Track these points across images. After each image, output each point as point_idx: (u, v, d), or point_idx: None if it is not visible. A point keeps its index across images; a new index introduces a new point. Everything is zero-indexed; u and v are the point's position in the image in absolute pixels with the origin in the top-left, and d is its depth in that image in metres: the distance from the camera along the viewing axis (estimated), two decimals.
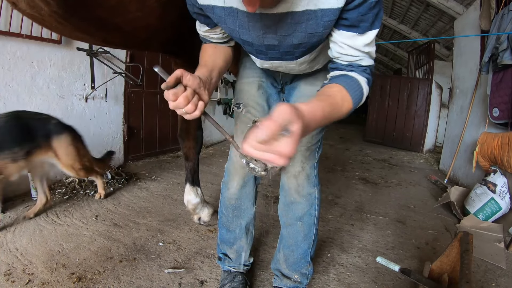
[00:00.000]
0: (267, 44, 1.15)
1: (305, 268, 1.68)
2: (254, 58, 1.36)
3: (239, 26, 1.10)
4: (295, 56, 1.20)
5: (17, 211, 2.66)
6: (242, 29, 1.10)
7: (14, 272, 1.85)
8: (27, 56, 2.97)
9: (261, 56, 1.27)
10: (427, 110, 7.23)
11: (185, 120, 2.44)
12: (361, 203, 3.51)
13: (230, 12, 1.06)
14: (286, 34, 1.07)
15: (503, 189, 2.92)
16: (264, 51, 1.21)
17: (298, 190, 1.55)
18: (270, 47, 1.16)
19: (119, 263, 2.03)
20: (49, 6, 1.19)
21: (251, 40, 1.15)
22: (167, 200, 3.18)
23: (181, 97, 0.89)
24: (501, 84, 3.38)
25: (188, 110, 0.92)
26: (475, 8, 4.37)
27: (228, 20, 1.09)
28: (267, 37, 1.11)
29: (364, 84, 1.06)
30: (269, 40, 1.12)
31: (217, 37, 1.27)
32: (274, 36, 1.10)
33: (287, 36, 1.08)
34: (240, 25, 1.09)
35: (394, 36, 9.37)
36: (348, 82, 1.03)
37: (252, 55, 1.31)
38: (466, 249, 1.58)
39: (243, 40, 1.17)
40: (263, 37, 1.11)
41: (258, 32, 1.10)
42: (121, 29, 1.48)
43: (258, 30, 1.09)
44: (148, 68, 4.45)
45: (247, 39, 1.15)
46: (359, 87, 1.04)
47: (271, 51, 1.19)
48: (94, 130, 3.80)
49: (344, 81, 1.03)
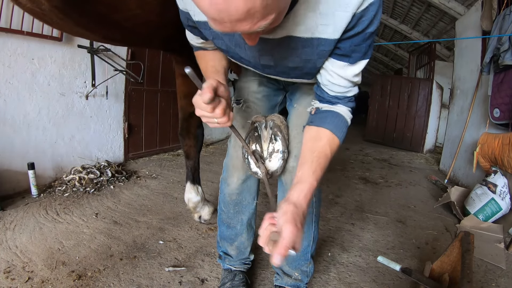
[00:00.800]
0: (263, 64, 1.16)
1: (306, 265, 1.67)
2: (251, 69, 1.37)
3: (235, 45, 1.10)
4: (290, 76, 1.21)
5: (17, 209, 2.66)
6: (239, 48, 1.11)
7: (13, 270, 1.85)
8: (27, 53, 2.97)
9: (258, 70, 1.29)
10: (427, 110, 7.23)
11: (186, 118, 2.43)
12: (361, 202, 3.51)
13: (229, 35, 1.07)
14: (283, 57, 1.08)
15: (504, 190, 2.92)
16: (260, 69, 1.23)
17: None
18: (266, 66, 1.18)
19: (119, 261, 2.03)
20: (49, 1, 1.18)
21: (248, 58, 1.16)
22: (168, 198, 3.18)
23: (218, 109, 0.93)
24: (502, 85, 3.38)
25: (221, 122, 0.97)
26: (477, 9, 4.37)
27: (225, 38, 1.09)
28: (264, 58, 1.12)
29: (349, 115, 1.14)
30: (265, 61, 1.13)
31: (211, 46, 1.28)
32: (270, 58, 1.11)
33: (283, 59, 1.09)
34: (237, 44, 1.09)
35: (395, 36, 9.35)
36: (335, 123, 1.11)
37: (250, 67, 1.31)
38: (467, 249, 1.58)
39: (240, 56, 1.18)
40: (260, 57, 1.12)
41: (255, 54, 1.11)
42: (121, 26, 1.47)
43: (255, 52, 1.09)
44: (149, 65, 4.45)
45: (244, 57, 1.16)
46: (345, 123, 1.13)
47: (267, 70, 1.21)
48: (95, 127, 3.79)
49: (331, 122, 1.11)
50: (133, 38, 1.75)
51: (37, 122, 3.13)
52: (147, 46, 3.68)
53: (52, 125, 3.28)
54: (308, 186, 0.98)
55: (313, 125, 1.14)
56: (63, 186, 3.17)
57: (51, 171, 3.31)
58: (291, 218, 0.85)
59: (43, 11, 1.27)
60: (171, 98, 4.93)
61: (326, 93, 1.13)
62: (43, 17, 1.39)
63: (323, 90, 1.14)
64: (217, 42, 1.14)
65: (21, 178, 2.98)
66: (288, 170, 1.52)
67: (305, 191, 0.97)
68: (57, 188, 3.12)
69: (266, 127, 1.34)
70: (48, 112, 3.22)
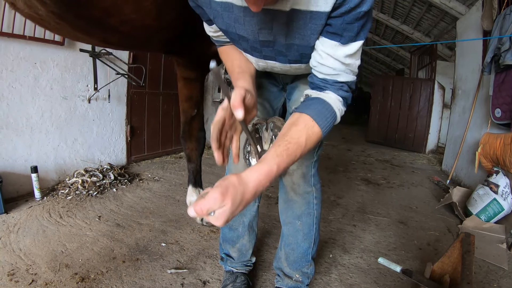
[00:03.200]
0: (261, 40, 1.12)
1: (306, 267, 1.68)
2: (249, 57, 1.30)
3: (234, 21, 1.08)
4: (288, 59, 1.18)
5: (20, 212, 2.68)
6: (238, 24, 1.08)
7: (17, 272, 1.87)
8: (30, 57, 2.99)
9: (256, 54, 1.23)
10: (429, 110, 7.21)
11: (187, 121, 2.44)
12: (363, 203, 3.51)
13: (226, 7, 1.04)
14: (280, 31, 1.05)
15: (506, 190, 2.91)
16: (258, 48, 1.17)
17: (293, 188, 1.55)
18: (264, 43, 1.13)
19: (122, 263, 2.04)
20: (45, 6, 1.20)
21: (247, 35, 1.12)
22: (170, 201, 3.19)
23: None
24: (503, 85, 3.37)
25: None
26: (477, 9, 4.37)
27: (224, 15, 1.07)
28: (262, 33, 1.08)
29: (339, 105, 1.05)
30: (264, 36, 1.09)
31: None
32: (269, 32, 1.07)
33: (280, 34, 1.06)
34: (236, 20, 1.07)
35: (397, 37, 9.34)
36: (318, 109, 1.01)
37: (247, 53, 1.26)
38: (467, 250, 1.58)
39: (239, 35, 1.14)
40: (258, 32, 1.08)
41: (254, 28, 1.07)
42: (117, 30, 1.48)
43: (254, 26, 1.06)
44: (151, 68, 4.47)
45: (243, 34, 1.12)
46: (331, 112, 1.02)
47: (265, 49, 1.16)
48: (97, 130, 3.81)
49: (314, 108, 1.01)
50: (131, 41, 1.75)
51: (40, 125, 3.15)
52: (147, 50, 3.69)
53: (55, 129, 3.30)
54: (265, 168, 0.88)
55: (297, 111, 1.05)
56: (66, 189, 3.18)
57: (54, 174, 3.33)
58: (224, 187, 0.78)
59: (40, 16, 1.28)
60: (173, 101, 4.95)
61: (315, 76, 1.07)
62: (41, 22, 1.41)
63: (312, 74, 1.09)
64: (217, 21, 1.13)
65: (24, 181, 3.00)
66: (288, 173, 1.53)
67: (260, 172, 0.87)
68: (60, 191, 3.14)
69: (267, 129, 1.35)
70: (51, 116, 3.25)
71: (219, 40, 1.30)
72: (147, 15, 1.43)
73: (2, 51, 2.79)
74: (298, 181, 1.53)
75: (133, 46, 2.45)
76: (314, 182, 1.57)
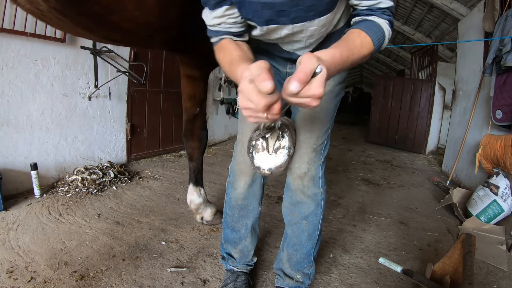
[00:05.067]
0: (278, 3, 1.08)
1: (308, 268, 1.68)
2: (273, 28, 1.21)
3: None
4: (318, 11, 1.12)
5: (19, 209, 2.67)
6: None
7: (16, 270, 1.86)
8: (31, 54, 2.98)
9: (283, 20, 1.15)
10: (430, 111, 7.22)
11: (189, 120, 2.44)
12: (363, 204, 3.51)
13: None
14: None
15: (506, 191, 2.91)
16: (287, 10, 1.11)
17: (303, 190, 1.55)
18: (293, 2, 1.08)
19: (122, 261, 2.03)
20: (47, 2, 1.19)
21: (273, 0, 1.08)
22: (170, 199, 3.18)
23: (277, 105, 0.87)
24: (504, 86, 3.37)
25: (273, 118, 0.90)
26: (479, 10, 4.37)
27: None
28: None
29: (386, 25, 1.09)
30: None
31: (234, 21, 1.19)
32: None
33: None
34: None
35: (398, 37, 9.36)
36: (367, 25, 1.07)
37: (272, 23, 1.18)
38: (468, 251, 1.58)
39: (263, 3, 1.09)
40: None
41: None
42: (120, 27, 1.47)
43: None
44: (152, 67, 4.46)
45: (267, 0, 1.08)
46: (379, 28, 1.08)
47: (294, 9, 1.10)
48: (98, 128, 3.81)
49: (364, 25, 1.08)
50: (133, 38, 1.75)
51: (40, 122, 3.14)
52: (149, 47, 3.68)
53: (55, 126, 3.30)
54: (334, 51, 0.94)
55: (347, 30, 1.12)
56: (66, 186, 3.18)
57: (54, 172, 3.33)
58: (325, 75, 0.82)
59: (42, 12, 1.28)
60: (173, 99, 4.95)
61: (360, 10, 1.13)
62: (43, 18, 1.40)
63: (357, 10, 1.14)
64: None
65: (24, 179, 2.99)
66: (300, 176, 1.53)
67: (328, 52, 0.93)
68: (59, 189, 3.13)
69: (274, 126, 1.34)
70: (51, 113, 3.24)
71: (220, 31, 1.20)
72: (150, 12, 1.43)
73: (3, 47, 2.78)
74: (308, 183, 1.53)
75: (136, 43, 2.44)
76: (322, 183, 1.58)
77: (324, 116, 1.48)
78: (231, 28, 1.20)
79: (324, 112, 1.48)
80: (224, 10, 1.14)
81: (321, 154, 1.54)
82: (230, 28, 1.20)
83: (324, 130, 1.50)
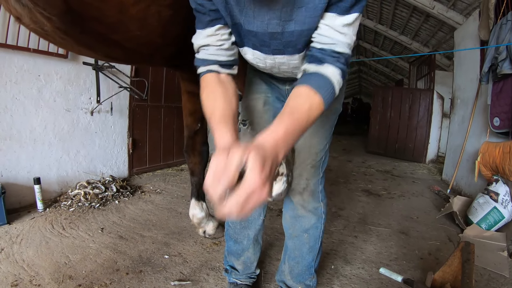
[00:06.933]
0: (270, 32, 1.11)
1: (309, 279, 1.69)
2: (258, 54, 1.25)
3: (245, 15, 1.09)
4: (297, 48, 1.16)
5: (23, 223, 2.69)
6: (248, 17, 1.09)
7: (21, 283, 1.88)
8: (34, 69, 3.05)
9: (265, 49, 1.20)
10: (429, 120, 7.26)
11: (191, 136, 2.46)
12: (364, 214, 3.52)
13: (238, 2, 1.06)
14: (289, 19, 1.06)
15: (506, 198, 2.93)
16: (267, 41, 1.15)
17: (304, 205, 1.57)
18: (273, 35, 1.12)
19: (126, 275, 2.05)
20: (51, 22, 1.22)
21: (256, 29, 1.12)
22: (172, 213, 3.20)
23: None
24: (501, 94, 3.41)
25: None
26: (475, 19, 4.44)
27: (236, 10, 1.08)
28: (271, 24, 1.09)
29: (337, 77, 1.03)
30: (273, 27, 1.10)
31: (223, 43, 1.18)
32: (278, 22, 1.08)
33: (290, 21, 1.07)
34: (246, 14, 1.08)
35: (395, 47, 9.44)
36: (318, 81, 1.01)
37: (256, 49, 1.23)
38: (467, 259, 1.59)
39: (248, 30, 1.14)
40: (268, 23, 1.09)
41: (263, 19, 1.08)
42: (122, 46, 1.50)
43: (263, 17, 1.07)
44: (153, 82, 4.51)
45: (252, 29, 1.12)
46: (330, 84, 1.01)
47: (274, 41, 1.15)
48: (99, 143, 3.85)
49: (314, 81, 1.01)
50: (135, 57, 1.79)
51: (43, 137, 3.19)
52: (150, 64, 3.73)
53: (58, 140, 3.34)
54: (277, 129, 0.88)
55: (296, 84, 1.04)
56: (69, 200, 3.20)
57: (56, 186, 3.35)
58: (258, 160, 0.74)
59: (46, 31, 1.31)
60: (174, 114, 5.00)
61: (314, 48, 1.07)
62: (46, 37, 1.44)
63: (311, 46, 1.08)
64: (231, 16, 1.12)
65: (27, 193, 3.02)
66: (299, 192, 1.56)
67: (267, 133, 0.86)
68: (62, 203, 3.15)
69: None
70: (54, 128, 3.28)
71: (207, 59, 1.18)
72: (152, 32, 1.46)
73: (7, 63, 2.84)
74: (308, 198, 1.56)
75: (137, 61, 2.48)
76: (322, 197, 1.60)
77: (322, 133, 1.51)
78: (219, 56, 1.18)
79: (322, 129, 1.51)
80: (216, 29, 1.15)
81: (320, 169, 1.57)
82: (218, 55, 1.18)
83: (322, 146, 1.53)
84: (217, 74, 1.18)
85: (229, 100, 1.12)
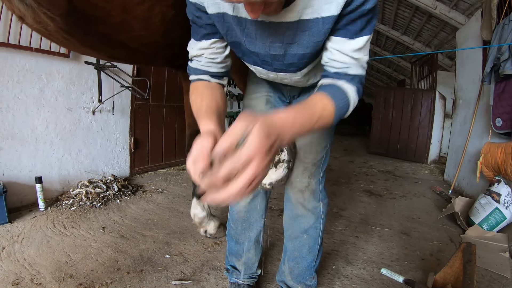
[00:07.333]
0: (272, 54, 1.12)
1: (310, 280, 1.69)
2: (260, 69, 1.28)
3: (246, 36, 1.08)
4: (299, 67, 1.18)
5: (24, 222, 2.70)
6: (249, 38, 1.09)
7: (22, 282, 1.88)
8: (35, 69, 3.05)
9: (266, 67, 1.23)
10: (431, 121, 7.24)
11: (193, 135, 2.46)
12: (365, 215, 3.51)
13: (239, 22, 1.05)
14: (292, 42, 1.06)
15: (507, 199, 2.92)
16: (269, 61, 1.18)
17: (304, 204, 1.57)
18: (275, 57, 1.14)
19: (127, 274, 2.05)
20: (54, 22, 1.23)
21: (257, 50, 1.13)
22: (173, 213, 3.20)
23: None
24: (503, 94, 3.40)
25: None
26: (477, 19, 4.42)
27: (237, 29, 1.08)
28: (273, 46, 1.09)
29: (353, 93, 1.01)
30: (275, 50, 1.10)
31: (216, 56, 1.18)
32: (280, 45, 1.08)
33: (293, 44, 1.07)
34: (248, 34, 1.08)
35: (397, 47, 9.42)
36: (333, 92, 0.98)
37: (257, 66, 1.25)
38: (469, 260, 1.59)
39: (250, 51, 1.15)
40: (269, 46, 1.09)
41: (265, 41, 1.08)
42: (125, 46, 1.51)
43: (265, 39, 1.07)
44: (155, 81, 4.51)
45: (253, 49, 1.13)
46: (345, 96, 0.99)
47: (276, 62, 1.17)
48: (101, 142, 3.85)
49: (329, 90, 0.99)
50: (138, 56, 1.79)
51: (44, 136, 3.19)
52: (153, 64, 3.73)
53: (60, 140, 3.34)
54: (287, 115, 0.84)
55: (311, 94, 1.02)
56: (70, 200, 3.21)
57: (58, 185, 3.36)
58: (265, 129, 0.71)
59: (49, 31, 1.31)
60: (176, 113, 5.00)
61: (327, 71, 1.05)
62: (49, 37, 1.44)
63: (325, 69, 1.06)
64: (229, 34, 1.11)
65: (28, 192, 3.03)
66: (300, 190, 1.56)
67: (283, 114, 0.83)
68: (64, 202, 3.16)
69: None
70: (56, 127, 3.29)
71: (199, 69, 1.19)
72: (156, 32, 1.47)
73: (9, 62, 2.85)
74: (308, 197, 1.56)
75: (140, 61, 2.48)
76: (322, 197, 1.60)
77: (323, 132, 1.51)
78: (211, 67, 1.18)
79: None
80: (211, 43, 1.15)
81: (321, 168, 1.57)
82: (210, 67, 1.18)
83: (323, 145, 1.53)
84: (207, 82, 1.18)
85: (216, 100, 1.11)
